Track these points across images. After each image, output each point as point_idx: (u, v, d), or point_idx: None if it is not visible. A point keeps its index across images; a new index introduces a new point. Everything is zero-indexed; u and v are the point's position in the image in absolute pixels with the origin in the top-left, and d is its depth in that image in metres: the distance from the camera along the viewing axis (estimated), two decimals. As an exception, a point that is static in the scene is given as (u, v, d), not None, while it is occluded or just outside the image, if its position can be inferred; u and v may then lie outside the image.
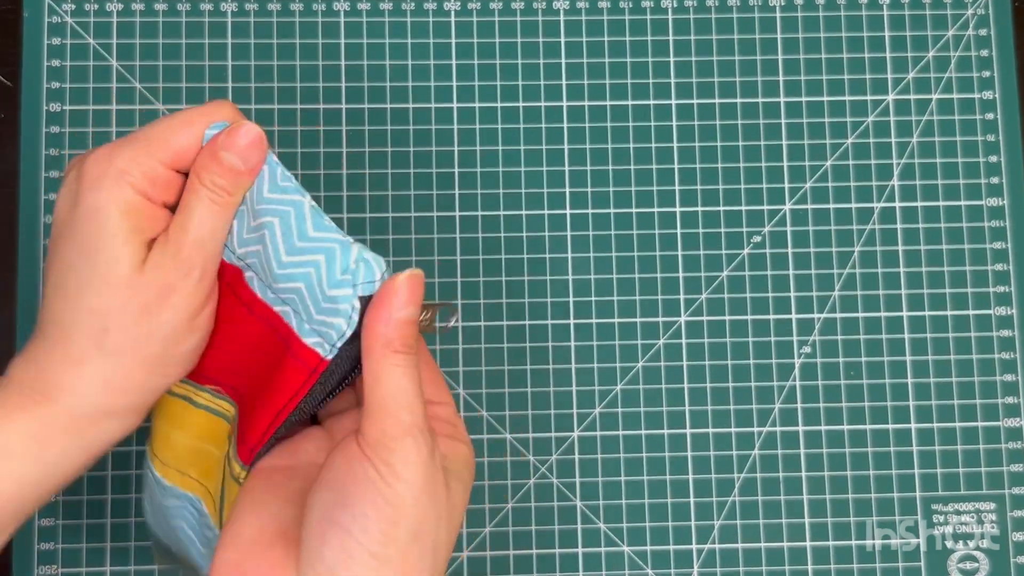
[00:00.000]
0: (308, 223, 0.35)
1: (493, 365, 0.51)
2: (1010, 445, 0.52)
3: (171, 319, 0.34)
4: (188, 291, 0.35)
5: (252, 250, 0.36)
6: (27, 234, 0.51)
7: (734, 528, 0.51)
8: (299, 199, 0.36)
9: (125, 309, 0.34)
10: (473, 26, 0.54)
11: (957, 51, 0.55)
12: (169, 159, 0.35)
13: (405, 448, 0.32)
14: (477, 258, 0.52)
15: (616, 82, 0.54)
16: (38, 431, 0.35)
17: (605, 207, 0.53)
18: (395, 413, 0.33)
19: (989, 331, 0.53)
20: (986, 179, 0.54)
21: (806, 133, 0.54)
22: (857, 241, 0.53)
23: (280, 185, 0.36)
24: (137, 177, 0.34)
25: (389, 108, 0.53)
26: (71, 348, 0.35)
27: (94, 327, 0.34)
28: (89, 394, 0.35)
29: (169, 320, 0.34)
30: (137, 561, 0.49)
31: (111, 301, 0.34)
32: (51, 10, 0.52)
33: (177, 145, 0.35)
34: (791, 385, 0.52)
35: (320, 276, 0.34)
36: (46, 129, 0.52)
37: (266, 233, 0.35)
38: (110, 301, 0.34)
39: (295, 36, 0.53)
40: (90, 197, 0.34)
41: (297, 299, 0.35)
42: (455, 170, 0.53)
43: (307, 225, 0.35)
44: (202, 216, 0.35)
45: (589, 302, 0.52)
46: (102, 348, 0.34)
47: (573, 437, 0.51)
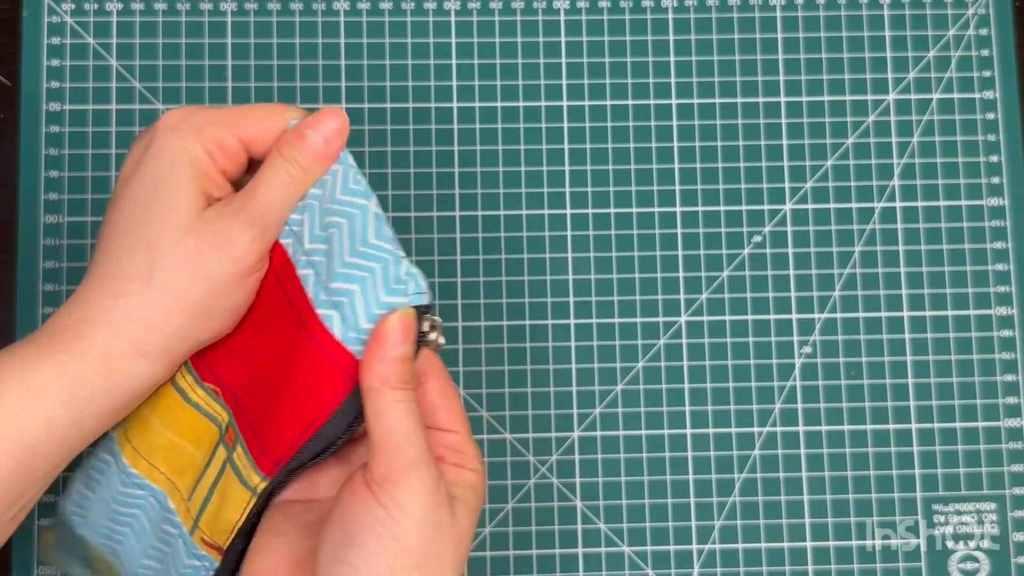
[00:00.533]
0: (371, 229, 0.36)
1: (493, 365, 0.51)
2: (1011, 445, 0.52)
3: (221, 269, 0.35)
4: (244, 247, 0.35)
5: (320, 247, 0.36)
6: (26, 234, 0.51)
7: (734, 528, 0.51)
8: (365, 203, 0.36)
9: (179, 248, 0.35)
10: (473, 25, 0.54)
11: (958, 51, 0.55)
12: (245, 134, 0.37)
13: (410, 482, 0.33)
14: (477, 258, 0.52)
15: (616, 82, 0.54)
16: (71, 369, 0.35)
17: (605, 207, 0.53)
18: (398, 448, 0.33)
19: (990, 331, 0.53)
20: (987, 179, 0.54)
21: (806, 133, 0.54)
22: (858, 241, 0.53)
23: (351, 187, 0.37)
24: (209, 138, 0.36)
25: (389, 107, 0.53)
26: (119, 280, 0.35)
27: (146, 259, 0.35)
28: (126, 327, 0.35)
29: (220, 270, 0.35)
30: (137, 561, 0.49)
31: (168, 237, 0.35)
32: (50, 9, 0.52)
33: (257, 126, 0.37)
34: (791, 385, 0.52)
35: (375, 283, 0.35)
36: (45, 129, 0.52)
37: (334, 233, 0.36)
38: (167, 237, 0.35)
39: (295, 36, 0.53)
40: (164, 140, 0.36)
41: (348, 303, 0.35)
42: (455, 170, 0.53)
43: (369, 231, 0.36)
44: (274, 184, 0.36)
45: (589, 302, 0.52)
46: (150, 281, 0.35)
47: (573, 437, 0.51)
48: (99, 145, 0.52)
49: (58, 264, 0.51)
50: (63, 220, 0.51)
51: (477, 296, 0.52)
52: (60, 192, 0.51)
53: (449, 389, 0.39)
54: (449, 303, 0.52)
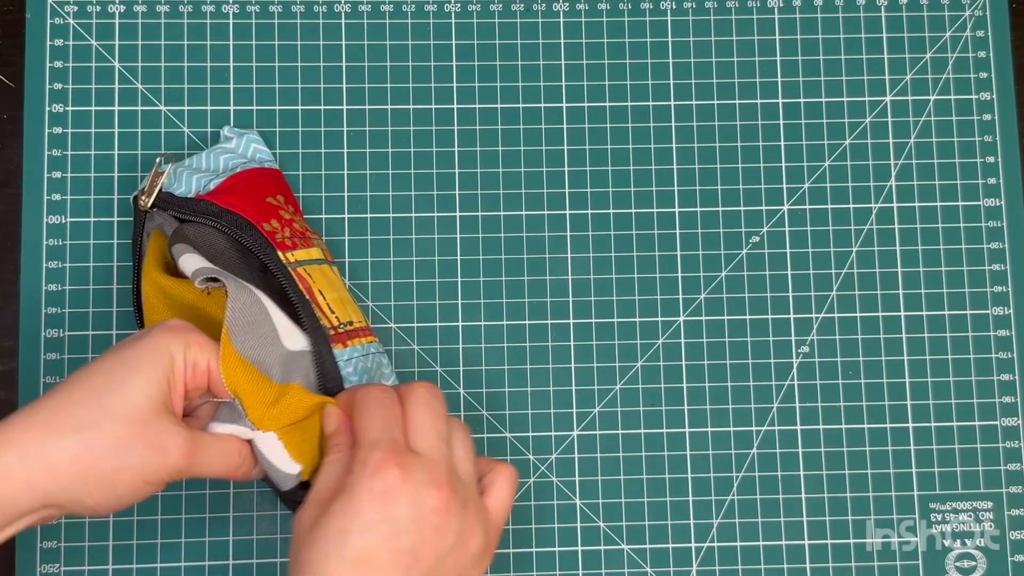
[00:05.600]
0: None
1: (493, 365, 0.52)
2: (1007, 444, 0.52)
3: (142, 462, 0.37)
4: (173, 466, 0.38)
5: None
6: (30, 233, 0.51)
7: (733, 526, 0.51)
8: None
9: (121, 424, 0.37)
10: (473, 28, 0.54)
11: (955, 52, 0.55)
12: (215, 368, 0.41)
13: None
14: (477, 258, 0.52)
15: (615, 83, 0.54)
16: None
17: (604, 207, 0.53)
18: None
19: (986, 331, 0.53)
20: (983, 179, 0.54)
21: (804, 134, 0.54)
22: (855, 241, 0.53)
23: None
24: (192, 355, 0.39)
25: (390, 109, 0.53)
26: (58, 418, 0.37)
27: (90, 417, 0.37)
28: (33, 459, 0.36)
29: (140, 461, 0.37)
30: (139, 559, 0.49)
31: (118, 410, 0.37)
32: (54, 12, 0.53)
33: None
34: (789, 384, 0.52)
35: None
36: (49, 130, 0.52)
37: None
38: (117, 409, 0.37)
39: (296, 38, 0.53)
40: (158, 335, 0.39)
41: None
42: (455, 171, 0.53)
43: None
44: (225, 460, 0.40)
45: (589, 302, 0.52)
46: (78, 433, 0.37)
47: (573, 436, 0.51)
48: (102, 146, 0.52)
49: (61, 264, 0.51)
50: (66, 220, 0.51)
51: (477, 296, 0.52)
52: (63, 193, 0.51)
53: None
54: (449, 303, 0.52)
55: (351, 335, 0.45)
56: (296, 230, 0.47)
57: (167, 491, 0.50)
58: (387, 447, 0.38)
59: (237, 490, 0.50)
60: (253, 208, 0.46)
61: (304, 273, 0.46)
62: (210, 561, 0.49)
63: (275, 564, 0.50)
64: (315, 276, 0.46)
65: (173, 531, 0.49)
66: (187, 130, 0.52)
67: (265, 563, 0.49)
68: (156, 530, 0.49)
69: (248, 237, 0.45)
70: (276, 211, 0.48)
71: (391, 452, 0.38)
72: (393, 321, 0.51)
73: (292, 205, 0.49)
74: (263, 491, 0.50)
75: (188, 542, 0.49)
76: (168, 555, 0.49)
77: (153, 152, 0.52)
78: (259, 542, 0.50)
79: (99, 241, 0.51)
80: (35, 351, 0.50)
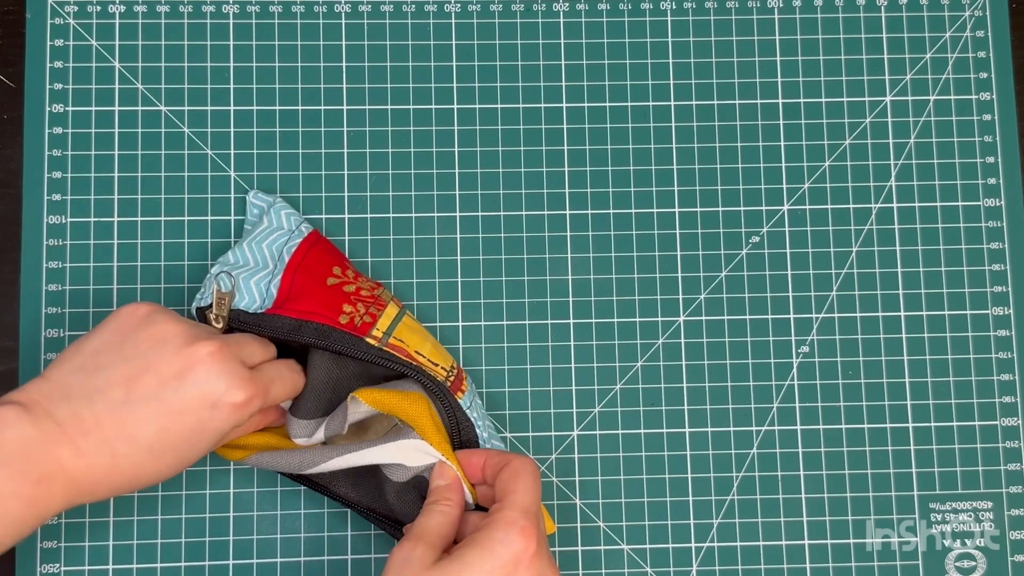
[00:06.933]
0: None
1: (493, 365, 0.52)
2: (1007, 444, 0.52)
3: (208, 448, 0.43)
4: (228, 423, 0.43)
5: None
6: (30, 233, 0.51)
7: (733, 526, 0.51)
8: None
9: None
10: (473, 28, 0.54)
11: (955, 53, 0.55)
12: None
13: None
14: (477, 258, 0.52)
15: (615, 83, 0.54)
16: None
17: (604, 208, 0.53)
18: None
19: (986, 331, 0.53)
20: (983, 180, 0.54)
21: (804, 134, 0.54)
22: (855, 241, 0.53)
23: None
24: (263, 414, 0.46)
25: (390, 109, 0.53)
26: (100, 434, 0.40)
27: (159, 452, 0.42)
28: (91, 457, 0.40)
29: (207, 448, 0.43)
30: (139, 559, 0.49)
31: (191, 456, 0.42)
32: (54, 12, 0.53)
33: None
34: (789, 384, 0.52)
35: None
36: (49, 130, 0.52)
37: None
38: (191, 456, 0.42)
39: (296, 38, 0.53)
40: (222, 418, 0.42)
41: None
42: (455, 171, 0.53)
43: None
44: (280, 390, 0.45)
45: (588, 302, 0.52)
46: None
47: (573, 436, 0.51)
48: (102, 146, 0.52)
49: (61, 264, 0.51)
50: (66, 221, 0.51)
51: (477, 296, 0.52)
52: (63, 193, 0.51)
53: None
54: (449, 303, 0.52)
55: (459, 379, 0.47)
56: (365, 298, 0.47)
57: (167, 491, 0.50)
58: (534, 520, 0.41)
59: (237, 490, 0.50)
60: (321, 306, 0.46)
61: (396, 342, 0.46)
62: (210, 561, 0.49)
63: (275, 564, 0.50)
64: (405, 337, 0.46)
65: (173, 531, 0.49)
66: (187, 130, 0.52)
67: (265, 563, 0.50)
68: (156, 530, 0.49)
69: (335, 342, 0.45)
70: (341, 289, 0.47)
71: (535, 525, 0.41)
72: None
73: (344, 265, 0.49)
74: (263, 491, 0.50)
75: (188, 542, 0.50)
76: (168, 555, 0.49)
77: (154, 152, 0.52)
78: (259, 542, 0.50)
79: (99, 241, 0.51)
80: (35, 351, 0.50)
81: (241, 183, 0.52)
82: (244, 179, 0.52)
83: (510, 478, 0.43)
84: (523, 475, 0.43)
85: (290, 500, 0.50)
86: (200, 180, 0.52)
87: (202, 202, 0.52)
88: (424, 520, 0.43)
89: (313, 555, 0.50)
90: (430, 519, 0.43)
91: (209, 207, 0.52)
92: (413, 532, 0.42)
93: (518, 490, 0.42)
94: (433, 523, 0.43)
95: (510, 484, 0.42)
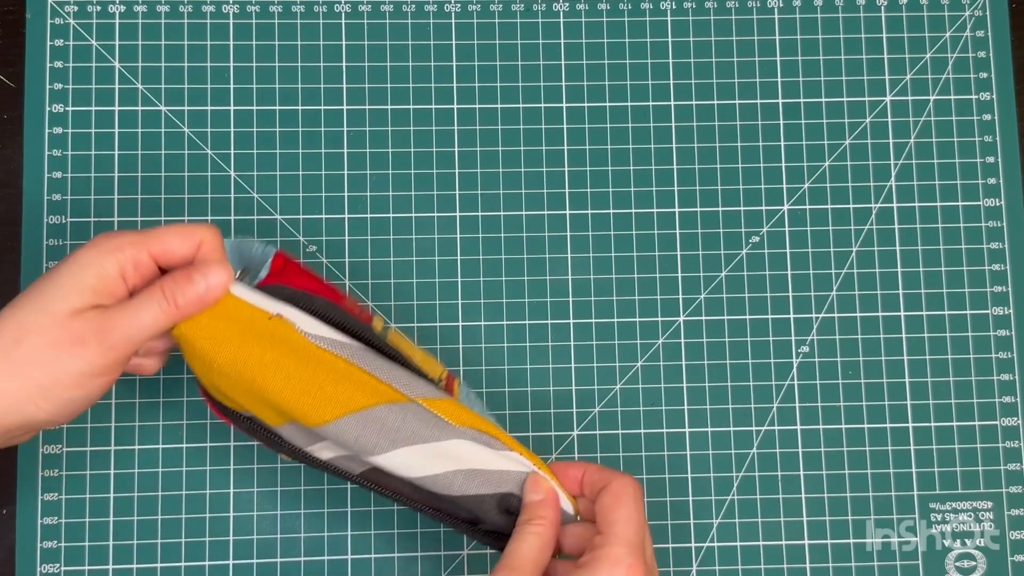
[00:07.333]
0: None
1: (493, 365, 0.52)
2: (1007, 444, 0.52)
3: (70, 365, 0.39)
4: (97, 351, 0.39)
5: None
6: (30, 233, 0.51)
7: (732, 526, 0.51)
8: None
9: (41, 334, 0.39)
10: (473, 28, 0.54)
11: (955, 52, 0.55)
12: (159, 252, 0.41)
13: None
14: (477, 258, 0.52)
15: (615, 83, 0.54)
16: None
17: (604, 208, 0.53)
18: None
19: (986, 331, 0.53)
20: (983, 180, 0.54)
21: (804, 134, 0.54)
22: (855, 241, 0.53)
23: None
24: (128, 257, 0.40)
25: (390, 109, 0.53)
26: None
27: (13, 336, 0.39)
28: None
29: (68, 364, 0.39)
30: (139, 559, 0.49)
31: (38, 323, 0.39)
32: (54, 12, 0.53)
33: (171, 246, 0.41)
34: (789, 384, 0.52)
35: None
36: (49, 130, 0.52)
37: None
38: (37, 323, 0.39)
39: (296, 38, 0.53)
40: (83, 252, 0.40)
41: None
42: (455, 171, 0.53)
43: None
44: (143, 311, 0.40)
45: (588, 302, 0.52)
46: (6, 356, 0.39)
47: (573, 436, 0.51)
48: (102, 146, 0.52)
49: (61, 264, 0.51)
50: (66, 220, 0.51)
51: (477, 296, 0.52)
52: (63, 193, 0.51)
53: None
54: (449, 303, 0.52)
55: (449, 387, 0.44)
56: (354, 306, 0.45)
57: (167, 491, 0.50)
58: (640, 554, 0.39)
59: (237, 490, 0.50)
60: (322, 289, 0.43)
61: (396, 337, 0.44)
62: (210, 561, 0.49)
63: (275, 564, 0.50)
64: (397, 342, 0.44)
65: (173, 531, 0.50)
66: (187, 130, 0.52)
67: (265, 563, 0.50)
68: (156, 530, 0.49)
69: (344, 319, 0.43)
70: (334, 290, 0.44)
71: (641, 561, 0.39)
72: (393, 321, 0.52)
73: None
74: (263, 491, 0.50)
75: (188, 542, 0.50)
76: (168, 555, 0.49)
77: (154, 152, 0.52)
78: (259, 542, 0.50)
79: (99, 241, 0.51)
80: (35, 351, 0.50)
81: (241, 183, 0.52)
82: (244, 179, 0.52)
83: (612, 503, 0.40)
84: (624, 500, 0.40)
85: (290, 500, 0.50)
86: (200, 180, 0.52)
87: (202, 202, 0.52)
88: (517, 547, 0.40)
89: (313, 555, 0.50)
90: (523, 544, 0.40)
91: (209, 207, 0.52)
92: (508, 563, 0.39)
93: (620, 520, 0.39)
94: (527, 549, 0.40)
95: (612, 512, 0.40)
